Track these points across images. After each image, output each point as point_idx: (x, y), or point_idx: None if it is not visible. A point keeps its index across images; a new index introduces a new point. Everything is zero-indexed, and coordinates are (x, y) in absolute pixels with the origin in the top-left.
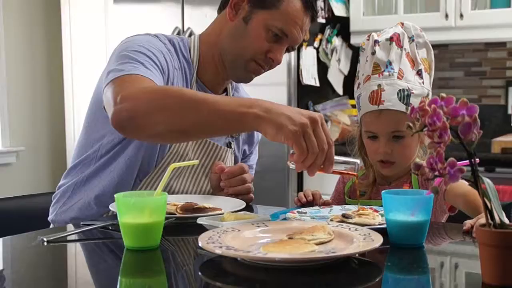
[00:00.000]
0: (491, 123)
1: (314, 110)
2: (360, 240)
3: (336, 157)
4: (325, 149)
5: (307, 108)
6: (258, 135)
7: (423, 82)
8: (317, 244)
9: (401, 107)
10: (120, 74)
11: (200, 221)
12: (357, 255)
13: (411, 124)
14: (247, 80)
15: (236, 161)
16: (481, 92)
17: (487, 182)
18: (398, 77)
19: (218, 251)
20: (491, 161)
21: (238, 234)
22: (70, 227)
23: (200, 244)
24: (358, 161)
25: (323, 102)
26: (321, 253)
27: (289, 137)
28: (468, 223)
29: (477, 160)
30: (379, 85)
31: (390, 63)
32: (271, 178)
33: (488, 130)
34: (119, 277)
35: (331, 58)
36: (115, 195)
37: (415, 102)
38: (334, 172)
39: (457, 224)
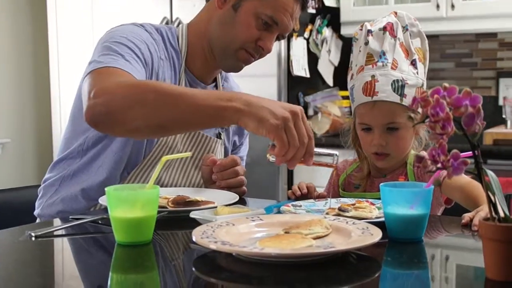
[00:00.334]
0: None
1: (304, 102)
2: (359, 235)
3: (316, 149)
4: (305, 142)
5: (297, 99)
6: None
7: (417, 72)
8: (314, 239)
9: (395, 98)
10: (98, 66)
11: (193, 215)
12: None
13: (412, 115)
14: (237, 69)
15: (226, 152)
16: (471, 83)
17: (491, 174)
18: (392, 68)
19: (212, 246)
20: (483, 153)
21: (233, 228)
22: (58, 221)
23: (194, 239)
24: (336, 152)
25: (313, 93)
26: (319, 248)
27: (271, 130)
28: (467, 216)
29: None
30: (373, 76)
31: (384, 53)
32: (261, 170)
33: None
34: (110, 273)
35: (321, 49)
36: (105, 189)
37: (409, 92)
38: (314, 164)
39: (455, 217)
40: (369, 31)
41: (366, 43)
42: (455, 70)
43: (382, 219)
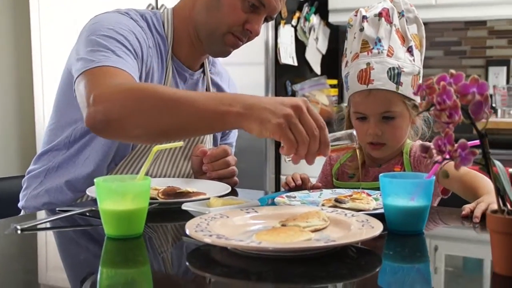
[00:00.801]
0: None
1: (292, 90)
2: (359, 227)
3: (331, 135)
4: (316, 134)
5: (285, 88)
6: None
7: (413, 60)
8: (312, 231)
9: (391, 86)
10: (91, 66)
11: (185, 207)
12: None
13: (417, 103)
14: (225, 54)
15: (215, 140)
16: (460, 71)
17: (499, 165)
18: (387, 55)
19: (207, 240)
20: None
21: (227, 220)
22: (43, 213)
23: (187, 232)
24: (353, 131)
25: (301, 82)
26: (319, 242)
27: (274, 131)
28: (467, 207)
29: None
30: (368, 64)
31: (379, 40)
32: (248, 160)
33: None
34: (100, 268)
35: (309, 37)
36: (94, 180)
37: (405, 80)
38: (333, 151)
39: (454, 208)
40: (364, 17)
41: (361, 30)
42: (443, 59)
43: (380, 210)
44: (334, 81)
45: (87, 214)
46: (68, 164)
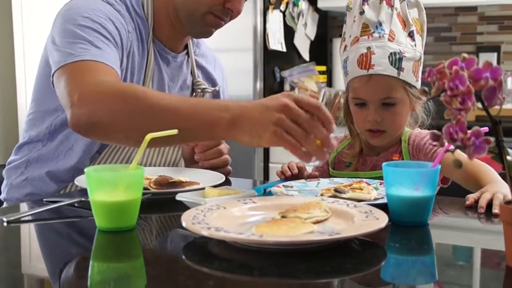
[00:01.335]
0: None
1: (281, 77)
2: (363, 219)
3: None
4: (315, 125)
5: (273, 74)
6: (224, 94)
7: (415, 45)
8: (313, 223)
9: (393, 71)
10: (70, 60)
11: (179, 197)
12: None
13: (425, 89)
14: (207, 35)
15: None
16: (450, 58)
17: None
18: (389, 39)
19: (205, 232)
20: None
21: (225, 212)
22: (30, 205)
23: (184, 225)
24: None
25: (290, 68)
26: (323, 235)
27: (271, 142)
28: (471, 197)
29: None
30: (369, 48)
31: (380, 24)
32: (236, 148)
33: None
34: (91, 262)
35: (297, 22)
36: (85, 170)
37: (406, 66)
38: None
39: (456, 198)
40: (364, 0)
41: (361, 13)
42: (433, 45)
43: (381, 200)
44: (323, 68)
45: (75, 205)
46: (49, 155)
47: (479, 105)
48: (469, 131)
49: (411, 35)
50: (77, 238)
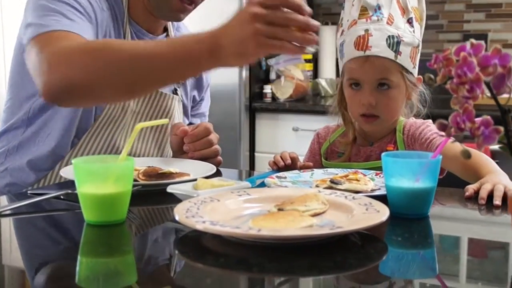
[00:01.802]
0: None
1: (267, 65)
2: (363, 212)
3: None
4: (290, 17)
5: (259, 62)
6: (207, 79)
7: (413, 31)
8: (311, 216)
9: (390, 54)
10: (42, 30)
11: (170, 189)
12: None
13: (431, 76)
14: (176, 19)
15: (185, 110)
16: (437, 46)
17: None
18: (387, 23)
19: (200, 227)
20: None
21: (219, 204)
22: (13, 197)
23: (177, 218)
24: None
25: (276, 56)
26: (324, 229)
27: (260, 52)
28: (470, 188)
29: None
30: (367, 30)
31: (379, 8)
32: (221, 136)
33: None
34: (79, 257)
35: None
36: (72, 161)
37: (404, 50)
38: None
39: (455, 189)
40: None
41: None
42: None
43: (379, 192)
44: (309, 56)
45: (61, 197)
46: (29, 142)
47: (487, 93)
48: (477, 119)
49: (410, 21)
50: (65, 233)
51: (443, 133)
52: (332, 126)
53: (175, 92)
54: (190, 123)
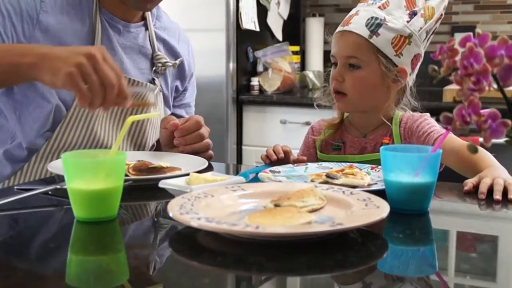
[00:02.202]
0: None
1: (254, 57)
2: (362, 207)
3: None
4: (114, 83)
5: (246, 54)
6: (190, 68)
7: (408, 22)
8: (309, 212)
9: (364, 32)
10: None
11: (163, 184)
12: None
13: (435, 67)
14: (144, 9)
15: (166, 100)
16: None
17: None
18: (379, 7)
19: (195, 224)
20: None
21: (213, 200)
22: None
23: (171, 215)
24: (154, 86)
25: (263, 48)
26: (324, 226)
27: (65, 81)
28: (469, 182)
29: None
30: (358, 11)
31: None
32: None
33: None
34: (69, 255)
35: (270, 1)
36: (61, 155)
37: (385, 34)
38: (134, 105)
39: (453, 183)
40: None
41: None
42: None
43: (376, 186)
44: (296, 48)
45: (49, 193)
46: (5, 133)
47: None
48: (483, 111)
49: (411, 14)
50: (53, 230)
51: (441, 127)
52: (327, 119)
53: (152, 82)
54: (173, 114)
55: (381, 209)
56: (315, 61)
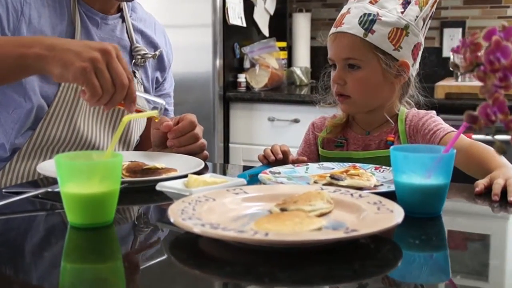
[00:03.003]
0: (426, 66)
1: (241, 53)
2: (375, 212)
3: (140, 94)
4: (125, 84)
5: (233, 50)
6: (169, 59)
7: (402, 13)
8: (317, 216)
9: (358, 31)
10: None
11: (160, 187)
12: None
13: (457, 63)
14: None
15: (146, 92)
16: None
17: None
18: (371, 2)
19: (198, 230)
20: (435, 107)
21: (215, 204)
22: None
23: (172, 221)
24: (163, 102)
25: (250, 44)
26: (339, 232)
27: (77, 76)
28: (480, 183)
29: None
30: (349, 9)
31: None
32: None
33: (426, 73)
34: (62, 263)
35: None
36: (54, 157)
37: (380, 29)
38: (137, 111)
39: (463, 184)
40: None
41: None
42: None
43: (382, 188)
44: (283, 44)
45: (39, 196)
46: None
47: None
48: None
49: (404, 3)
50: (46, 236)
51: (481, 127)
52: (327, 117)
53: (133, 74)
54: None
55: (395, 214)
56: (302, 57)
